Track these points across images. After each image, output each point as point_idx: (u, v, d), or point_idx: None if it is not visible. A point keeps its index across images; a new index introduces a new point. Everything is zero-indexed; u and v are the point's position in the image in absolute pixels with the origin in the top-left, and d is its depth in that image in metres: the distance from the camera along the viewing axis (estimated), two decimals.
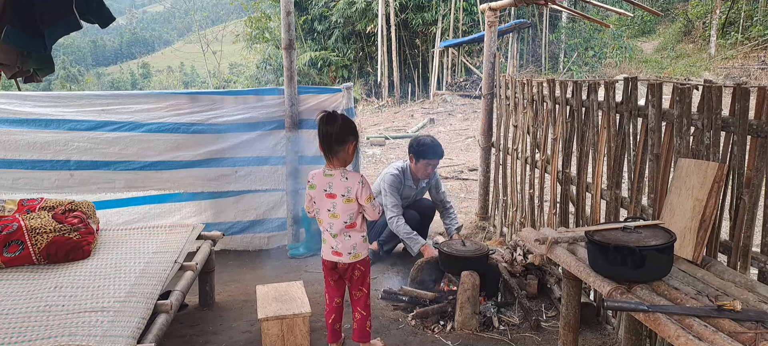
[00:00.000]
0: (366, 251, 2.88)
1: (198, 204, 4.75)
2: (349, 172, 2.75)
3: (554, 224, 3.84)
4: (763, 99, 2.16)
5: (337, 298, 2.97)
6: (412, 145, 4.31)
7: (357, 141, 2.76)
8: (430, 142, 4.25)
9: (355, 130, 2.76)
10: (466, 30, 18.87)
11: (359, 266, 2.85)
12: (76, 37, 43.35)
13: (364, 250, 2.86)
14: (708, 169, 2.27)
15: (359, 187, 2.72)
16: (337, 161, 2.72)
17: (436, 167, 4.38)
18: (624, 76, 3.03)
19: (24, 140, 4.27)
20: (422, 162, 4.23)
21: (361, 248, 2.83)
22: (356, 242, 2.81)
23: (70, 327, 2.27)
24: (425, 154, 4.20)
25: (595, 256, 2.16)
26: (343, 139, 2.68)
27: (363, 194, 2.73)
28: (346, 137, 2.68)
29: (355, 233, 2.80)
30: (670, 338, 1.69)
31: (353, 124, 2.76)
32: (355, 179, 2.72)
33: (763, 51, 15.10)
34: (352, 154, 2.74)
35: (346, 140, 2.68)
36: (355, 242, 2.80)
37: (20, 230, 2.90)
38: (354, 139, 2.72)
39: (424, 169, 4.27)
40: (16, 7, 2.48)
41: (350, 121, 2.74)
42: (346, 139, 2.68)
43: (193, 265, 3.25)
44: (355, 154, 2.80)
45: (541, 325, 3.31)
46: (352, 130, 2.74)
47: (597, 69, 18.01)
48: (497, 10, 5.22)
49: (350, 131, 2.71)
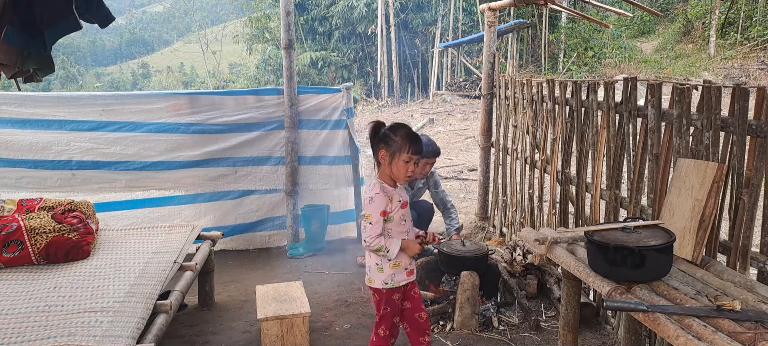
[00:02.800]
0: None
1: (197, 207, 4.76)
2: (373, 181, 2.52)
3: (554, 224, 3.84)
4: (763, 99, 2.16)
5: (395, 337, 2.65)
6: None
7: (386, 148, 2.42)
8: (425, 140, 4.23)
9: (386, 138, 2.43)
10: (465, 30, 18.87)
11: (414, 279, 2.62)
12: (76, 37, 43.33)
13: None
14: (707, 170, 2.27)
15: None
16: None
17: (433, 166, 4.38)
18: (623, 77, 3.03)
19: (27, 141, 4.32)
20: (421, 161, 4.22)
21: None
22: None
23: (69, 327, 2.27)
24: (424, 152, 4.19)
25: (594, 256, 2.16)
26: (373, 147, 2.47)
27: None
28: (375, 146, 2.46)
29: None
30: (669, 338, 1.69)
31: (387, 134, 2.44)
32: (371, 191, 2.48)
33: (762, 51, 15.11)
34: (386, 163, 2.43)
35: (375, 149, 2.46)
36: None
37: (20, 230, 2.90)
38: (383, 146, 2.43)
39: (421, 167, 4.26)
40: (16, 8, 2.48)
41: (386, 131, 2.45)
42: (375, 148, 2.46)
43: (192, 265, 3.25)
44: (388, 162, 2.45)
45: (541, 325, 3.31)
46: (383, 138, 2.44)
47: (596, 69, 18.00)
48: (497, 10, 5.22)
49: (380, 139, 2.45)
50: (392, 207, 2.43)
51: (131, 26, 60.54)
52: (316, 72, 19.55)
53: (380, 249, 2.42)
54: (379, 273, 2.50)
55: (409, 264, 2.53)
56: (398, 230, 2.47)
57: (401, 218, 2.47)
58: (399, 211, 2.45)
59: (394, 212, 2.44)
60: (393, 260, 2.46)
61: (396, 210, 2.44)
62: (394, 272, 2.49)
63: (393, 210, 2.43)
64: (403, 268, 2.51)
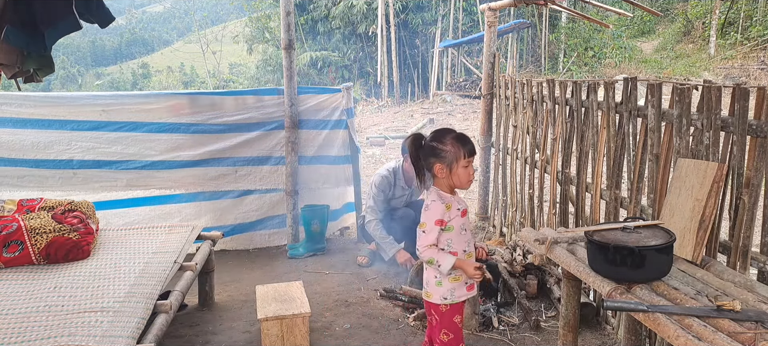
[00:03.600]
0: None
1: (198, 206, 4.77)
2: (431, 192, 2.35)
3: (554, 224, 3.84)
4: (763, 99, 2.16)
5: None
6: (405, 146, 4.33)
7: (440, 161, 2.26)
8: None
9: (436, 151, 2.27)
10: (465, 30, 18.87)
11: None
12: (76, 37, 43.34)
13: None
14: (707, 170, 2.27)
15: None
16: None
17: None
18: (623, 77, 3.03)
19: (28, 140, 4.35)
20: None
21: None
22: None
23: (69, 327, 2.27)
24: None
25: (594, 256, 2.16)
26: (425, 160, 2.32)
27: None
28: (424, 161, 2.31)
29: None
30: (669, 338, 1.69)
31: (434, 146, 2.27)
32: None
33: (762, 51, 15.10)
34: (445, 175, 2.28)
35: (425, 163, 2.31)
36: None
37: (20, 230, 2.90)
38: (435, 160, 2.27)
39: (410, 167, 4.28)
40: (16, 8, 2.48)
41: (430, 142, 2.30)
42: (425, 162, 2.31)
43: (192, 265, 3.25)
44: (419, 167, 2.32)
45: (541, 325, 3.31)
46: (431, 151, 2.28)
47: (596, 69, 18.01)
48: (497, 10, 5.22)
49: (428, 153, 2.29)
50: (450, 215, 2.28)
51: (131, 26, 60.49)
52: (316, 72, 19.54)
53: (431, 261, 2.27)
54: (438, 287, 2.33)
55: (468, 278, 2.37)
56: (459, 240, 2.32)
57: (461, 227, 2.32)
58: (458, 219, 2.30)
59: (452, 220, 2.29)
60: (453, 274, 2.30)
61: (455, 218, 2.29)
62: (454, 286, 2.33)
63: (452, 218, 2.28)
64: (463, 281, 2.34)
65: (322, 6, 19.57)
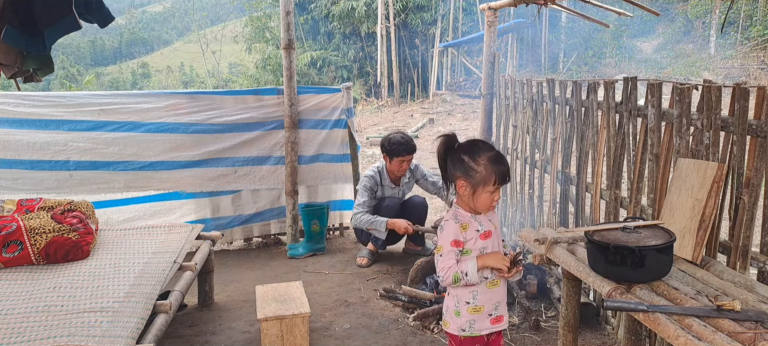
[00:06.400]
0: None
1: (198, 202, 4.78)
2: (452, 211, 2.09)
3: (554, 224, 3.84)
4: (763, 99, 2.16)
5: None
6: (383, 145, 4.36)
7: (466, 178, 1.97)
8: (400, 138, 4.31)
9: (466, 167, 1.97)
10: (465, 30, 18.86)
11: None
12: (76, 37, 43.32)
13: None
14: (707, 169, 2.27)
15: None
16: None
17: (411, 163, 4.43)
18: (623, 76, 3.03)
19: (24, 141, 4.26)
20: (396, 160, 4.29)
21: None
22: (502, 295, 2.13)
23: (69, 327, 2.26)
24: (397, 151, 4.26)
25: (594, 256, 2.16)
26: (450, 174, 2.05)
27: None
28: (451, 169, 2.03)
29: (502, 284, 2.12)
30: (669, 338, 1.69)
31: (465, 161, 1.97)
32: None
33: (762, 51, 15.11)
34: (467, 195, 2.00)
35: (452, 173, 2.03)
36: (502, 295, 2.12)
37: (19, 230, 2.89)
38: (461, 175, 1.98)
39: (398, 166, 4.32)
40: (15, 7, 2.48)
41: (462, 154, 1.99)
42: (452, 172, 2.03)
43: (192, 265, 3.25)
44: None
45: (541, 325, 3.31)
46: (461, 165, 1.98)
47: (596, 69, 18.01)
48: (497, 10, 5.21)
49: (457, 165, 2.00)
50: (467, 236, 1.99)
51: (131, 26, 60.50)
52: (316, 72, 19.53)
53: (457, 279, 1.96)
54: (456, 317, 2.06)
55: (494, 309, 2.07)
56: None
57: (481, 251, 2.02)
58: (478, 242, 2.01)
59: (470, 242, 2.00)
60: (472, 304, 2.02)
61: (472, 240, 2.00)
62: (474, 319, 2.04)
63: (468, 240, 2.00)
64: (486, 313, 2.04)
65: (322, 6, 19.55)
